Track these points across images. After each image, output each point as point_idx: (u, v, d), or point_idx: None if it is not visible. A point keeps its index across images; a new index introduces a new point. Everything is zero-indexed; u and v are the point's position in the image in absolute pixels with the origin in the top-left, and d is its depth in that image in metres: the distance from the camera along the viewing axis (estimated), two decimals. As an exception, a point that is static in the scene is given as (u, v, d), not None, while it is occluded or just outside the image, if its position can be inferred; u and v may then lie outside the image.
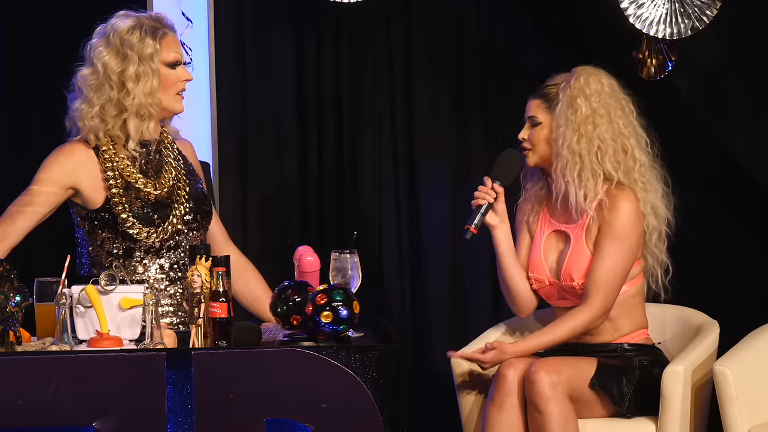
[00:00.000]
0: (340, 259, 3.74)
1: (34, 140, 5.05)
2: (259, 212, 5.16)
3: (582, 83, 4.17)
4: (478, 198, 4.24)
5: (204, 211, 4.05)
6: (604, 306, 4.13)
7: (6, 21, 5.08)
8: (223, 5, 5.12)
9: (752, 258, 5.14)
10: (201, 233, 4.04)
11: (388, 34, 5.23)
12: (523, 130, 4.24)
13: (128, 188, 3.95)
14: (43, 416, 3.25)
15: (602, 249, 4.13)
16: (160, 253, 3.96)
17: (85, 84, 3.96)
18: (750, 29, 5.01)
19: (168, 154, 4.04)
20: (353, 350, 3.36)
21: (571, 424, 3.99)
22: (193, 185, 4.06)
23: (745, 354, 4.18)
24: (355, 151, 5.22)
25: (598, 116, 4.15)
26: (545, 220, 4.29)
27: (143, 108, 3.95)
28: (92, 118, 3.95)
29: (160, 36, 3.97)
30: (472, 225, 4.21)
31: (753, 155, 5.09)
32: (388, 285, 5.20)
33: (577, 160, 4.13)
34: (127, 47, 3.94)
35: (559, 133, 4.16)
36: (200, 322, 3.44)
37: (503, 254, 4.28)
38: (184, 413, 3.29)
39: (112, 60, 3.94)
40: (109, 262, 3.94)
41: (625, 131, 4.18)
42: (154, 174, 4.00)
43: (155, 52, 3.96)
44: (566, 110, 4.16)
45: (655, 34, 4.80)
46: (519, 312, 4.35)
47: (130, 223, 3.92)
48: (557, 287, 4.22)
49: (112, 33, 3.96)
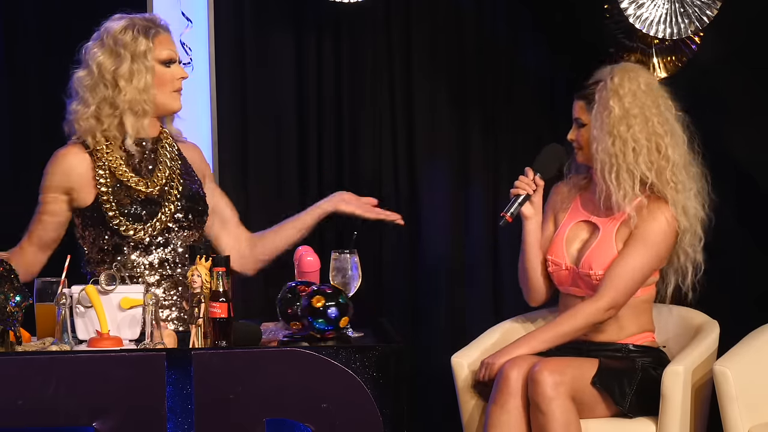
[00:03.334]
0: (340, 259, 3.75)
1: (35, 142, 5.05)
2: (259, 212, 5.16)
3: (616, 83, 4.18)
4: (518, 187, 4.27)
5: (197, 211, 4.09)
6: (613, 301, 4.14)
7: (6, 21, 5.07)
8: (223, 5, 5.12)
9: (752, 258, 5.14)
10: (194, 232, 4.07)
11: (388, 32, 5.22)
12: (571, 132, 4.28)
13: (118, 186, 4.00)
14: (43, 416, 3.25)
15: (629, 249, 4.15)
16: (149, 249, 3.99)
17: (81, 85, 4.03)
18: (750, 29, 5.02)
19: (164, 154, 4.08)
20: (353, 350, 3.36)
21: (573, 424, 3.99)
22: (188, 186, 4.09)
23: (745, 354, 4.18)
24: (355, 150, 5.22)
25: (631, 117, 4.16)
26: (576, 208, 4.32)
27: (137, 104, 4.01)
28: (88, 118, 4.01)
29: (153, 35, 4.05)
30: (508, 213, 4.25)
31: (753, 155, 5.09)
32: (388, 285, 5.19)
33: (614, 162, 4.15)
34: (121, 46, 4.01)
35: (595, 135, 4.18)
36: (200, 322, 3.44)
37: (530, 245, 4.31)
38: (184, 413, 3.29)
39: (106, 59, 4.02)
40: (101, 258, 3.99)
41: (660, 130, 4.18)
42: (147, 172, 4.04)
43: (148, 49, 4.03)
44: (601, 113, 4.17)
45: (655, 34, 4.80)
46: (531, 300, 4.39)
47: (118, 221, 3.97)
48: (573, 273, 4.24)
49: (105, 34, 4.05)
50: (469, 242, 5.23)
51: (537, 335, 4.19)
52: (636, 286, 4.17)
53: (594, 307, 4.15)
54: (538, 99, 5.23)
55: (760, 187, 5.06)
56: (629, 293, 4.16)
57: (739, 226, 5.10)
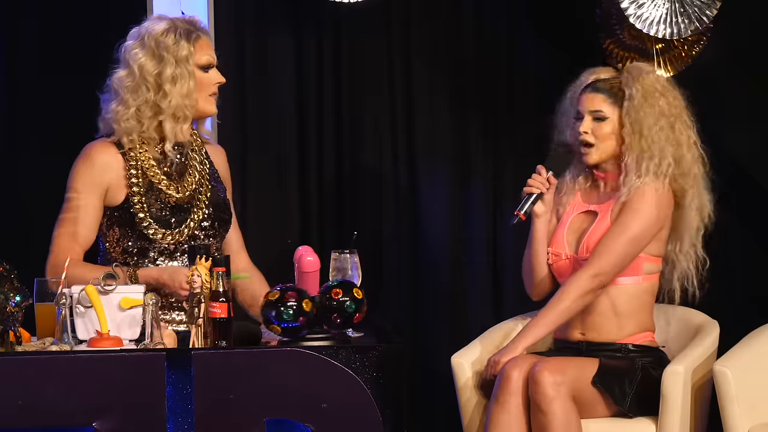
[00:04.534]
0: (340, 259, 3.74)
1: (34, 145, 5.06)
2: (259, 212, 5.16)
3: (653, 80, 4.22)
4: (531, 186, 4.28)
5: (222, 219, 4.06)
6: (599, 268, 4.14)
7: (7, 23, 5.07)
8: (223, 5, 5.12)
9: (752, 258, 5.14)
10: (217, 241, 4.05)
11: (389, 32, 5.22)
12: (585, 124, 4.24)
13: (150, 189, 3.97)
14: (43, 416, 3.25)
15: (616, 220, 4.18)
16: (174, 255, 3.97)
17: (122, 86, 3.97)
18: (751, 29, 5.02)
19: (194, 158, 4.06)
20: (353, 350, 3.36)
21: (574, 424, 3.99)
22: (216, 192, 4.07)
23: (745, 354, 4.19)
24: (355, 150, 5.22)
25: (664, 118, 4.19)
26: (577, 201, 4.33)
27: (180, 110, 3.96)
28: (128, 119, 3.96)
29: (194, 39, 4.00)
30: (522, 212, 4.26)
31: (753, 155, 5.09)
32: (388, 285, 5.19)
33: (656, 151, 4.16)
34: (163, 49, 3.95)
35: (638, 124, 4.16)
36: (200, 322, 3.44)
37: (538, 242, 4.32)
38: (184, 413, 3.29)
39: (148, 62, 3.95)
40: (124, 259, 3.96)
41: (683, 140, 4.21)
42: (178, 177, 4.01)
43: (190, 54, 3.98)
44: (642, 104, 4.18)
45: (655, 34, 4.80)
46: (533, 294, 4.40)
47: (147, 223, 3.94)
48: (573, 261, 4.25)
49: (146, 35, 3.98)
50: (469, 242, 5.23)
51: (537, 321, 4.18)
52: (626, 251, 4.16)
53: (580, 275, 4.15)
54: (538, 99, 5.23)
55: (760, 187, 5.06)
56: (617, 261, 4.15)
57: (740, 225, 5.09)
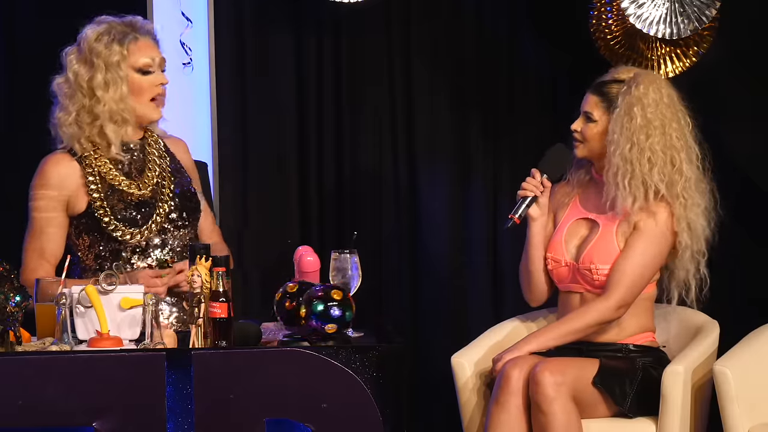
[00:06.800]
0: (340, 259, 3.75)
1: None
2: (259, 212, 5.16)
3: (641, 92, 4.19)
4: (525, 189, 4.28)
5: (190, 209, 4.07)
6: (623, 299, 4.15)
7: (3, 18, 5.07)
8: (223, 5, 5.12)
9: (752, 258, 5.13)
10: (189, 231, 4.06)
11: (389, 32, 5.22)
12: (577, 122, 4.27)
13: (111, 191, 3.98)
14: (43, 416, 3.25)
15: (634, 246, 4.16)
16: (146, 252, 3.98)
17: (60, 92, 4.03)
18: (751, 29, 5.01)
19: (152, 152, 4.06)
20: (353, 350, 3.36)
21: (574, 424, 3.99)
22: (179, 183, 4.07)
23: (745, 354, 4.18)
24: (355, 150, 5.21)
25: (652, 127, 4.17)
26: (575, 206, 4.33)
27: (116, 114, 3.99)
28: (70, 125, 4.00)
29: (129, 41, 4.00)
30: (516, 215, 4.25)
31: (755, 156, 5.09)
32: (388, 285, 5.19)
33: (628, 167, 4.16)
34: (94, 55, 3.98)
35: (613, 139, 4.18)
36: (200, 322, 3.44)
37: (534, 246, 4.32)
38: (184, 413, 3.29)
39: (81, 68, 3.99)
40: (99, 264, 3.97)
41: (677, 144, 4.20)
42: (138, 174, 4.02)
43: (122, 58, 3.98)
44: (623, 117, 4.18)
45: (655, 34, 4.80)
46: (532, 300, 4.39)
47: (113, 226, 3.96)
48: (573, 270, 4.24)
49: (83, 40, 4.02)
50: (469, 242, 5.23)
51: (546, 332, 4.19)
52: (643, 283, 4.19)
53: (605, 306, 4.16)
54: (538, 99, 5.23)
55: (759, 187, 5.05)
56: (637, 290, 4.18)
57: (739, 226, 5.09)
